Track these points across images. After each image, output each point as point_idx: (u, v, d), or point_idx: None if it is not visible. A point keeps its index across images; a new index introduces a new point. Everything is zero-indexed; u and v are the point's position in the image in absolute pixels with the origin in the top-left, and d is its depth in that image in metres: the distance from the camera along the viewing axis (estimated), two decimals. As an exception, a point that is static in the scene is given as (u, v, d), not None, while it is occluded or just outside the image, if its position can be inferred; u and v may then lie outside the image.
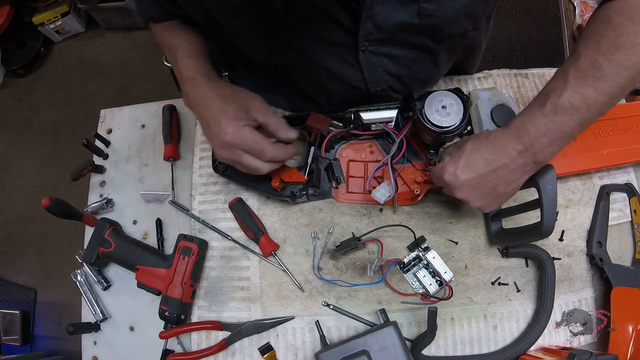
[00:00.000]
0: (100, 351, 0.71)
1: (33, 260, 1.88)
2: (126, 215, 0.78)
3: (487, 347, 0.63)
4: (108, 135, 0.84)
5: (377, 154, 0.72)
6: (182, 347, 0.68)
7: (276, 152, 0.57)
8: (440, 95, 0.59)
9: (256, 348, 0.65)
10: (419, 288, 0.65)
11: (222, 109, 0.55)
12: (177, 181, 0.78)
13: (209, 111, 0.56)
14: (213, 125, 0.55)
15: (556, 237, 0.68)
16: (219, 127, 0.54)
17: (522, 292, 0.65)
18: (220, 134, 0.54)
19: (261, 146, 0.55)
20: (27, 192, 2.01)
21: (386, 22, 0.54)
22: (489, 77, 0.79)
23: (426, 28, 0.56)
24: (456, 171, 0.53)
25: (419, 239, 0.67)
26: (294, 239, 0.69)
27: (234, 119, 0.55)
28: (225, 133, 0.54)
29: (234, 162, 0.57)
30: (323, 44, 0.57)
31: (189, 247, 0.67)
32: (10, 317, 1.62)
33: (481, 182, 0.53)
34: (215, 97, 0.57)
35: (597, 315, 0.64)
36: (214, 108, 0.56)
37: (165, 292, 0.66)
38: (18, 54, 2.26)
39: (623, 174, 0.72)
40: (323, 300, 0.66)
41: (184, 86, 0.60)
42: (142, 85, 2.13)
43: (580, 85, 0.47)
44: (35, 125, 2.16)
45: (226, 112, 0.55)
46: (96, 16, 2.22)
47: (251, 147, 0.55)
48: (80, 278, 0.74)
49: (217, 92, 0.57)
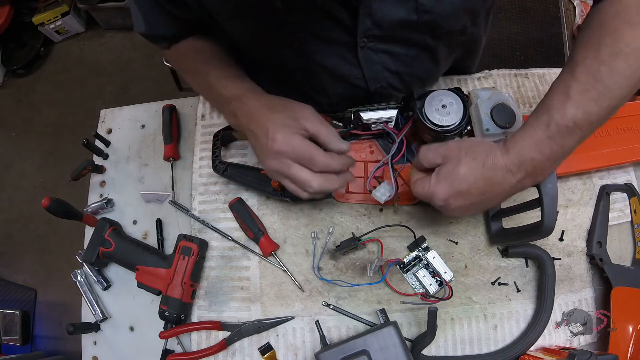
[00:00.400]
0: (100, 351, 0.71)
1: (33, 260, 1.88)
2: (126, 215, 0.78)
3: (487, 347, 0.63)
4: (108, 135, 0.84)
5: (377, 154, 0.72)
6: (182, 347, 0.68)
7: (328, 160, 0.52)
8: (440, 95, 0.59)
9: (256, 348, 0.65)
10: (419, 288, 0.65)
11: (269, 118, 0.53)
12: (177, 181, 0.78)
13: (257, 122, 0.54)
14: (261, 136, 0.52)
15: (556, 237, 0.68)
16: (266, 136, 0.51)
17: (522, 292, 0.65)
18: (268, 143, 0.51)
19: (311, 154, 0.51)
20: (27, 192, 2.01)
21: (384, 18, 0.54)
22: (489, 77, 0.79)
23: (424, 24, 0.55)
24: (449, 199, 0.50)
25: (419, 239, 0.67)
26: (294, 239, 0.69)
27: (282, 126, 0.52)
28: (273, 141, 0.51)
29: (283, 175, 0.53)
30: (323, 42, 0.57)
31: (189, 247, 0.67)
32: (10, 317, 1.62)
33: (473, 204, 0.51)
34: (264, 108, 0.54)
35: (597, 315, 0.64)
36: (262, 118, 0.53)
37: (165, 292, 0.66)
38: (18, 54, 2.27)
39: (623, 174, 0.72)
40: (323, 300, 0.66)
41: (230, 106, 0.58)
42: (142, 85, 2.13)
43: (584, 102, 0.45)
44: (35, 125, 2.16)
45: (274, 121, 0.52)
46: (96, 16, 2.22)
47: (301, 155, 0.51)
48: (80, 278, 0.74)
49: (265, 103, 0.55)
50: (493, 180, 0.49)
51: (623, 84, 0.45)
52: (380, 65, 0.63)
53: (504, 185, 0.49)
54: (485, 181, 0.49)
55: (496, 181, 0.49)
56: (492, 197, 0.50)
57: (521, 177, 0.48)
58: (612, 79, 0.44)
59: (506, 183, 0.49)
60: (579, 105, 0.45)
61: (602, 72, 0.44)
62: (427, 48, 0.62)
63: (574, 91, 0.45)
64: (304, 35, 0.55)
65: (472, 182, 0.49)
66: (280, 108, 0.54)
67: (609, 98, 0.45)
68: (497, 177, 0.48)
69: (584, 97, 0.45)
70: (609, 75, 0.44)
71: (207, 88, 0.62)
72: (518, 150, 0.48)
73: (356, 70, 0.63)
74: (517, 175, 0.48)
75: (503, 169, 0.48)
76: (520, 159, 0.47)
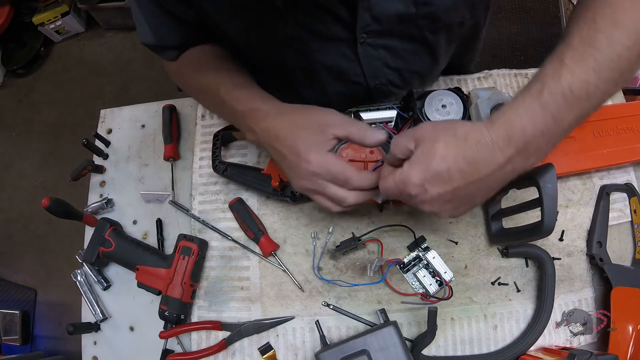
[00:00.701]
0: (100, 351, 0.71)
1: (33, 260, 1.88)
2: (126, 215, 0.78)
3: (487, 347, 0.63)
4: (108, 135, 0.84)
5: (377, 154, 0.71)
6: (182, 347, 0.68)
7: (362, 180, 0.50)
8: (440, 95, 0.59)
9: (256, 348, 0.65)
10: (419, 288, 0.65)
11: (297, 136, 0.50)
12: (177, 181, 0.78)
13: (283, 142, 0.51)
14: (291, 156, 0.50)
15: (556, 237, 0.68)
16: (299, 158, 0.49)
17: (522, 292, 0.65)
18: (302, 165, 0.49)
19: (346, 175, 0.49)
20: (27, 192, 2.01)
21: (383, 13, 0.53)
22: (489, 77, 0.79)
23: (423, 17, 0.55)
24: (425, 184, 0.42)
25: (419, 239, 0.67)
26: (294, 239, 0.69)
27: (314, 145, 0.49)
28: (307, 163, 0.49)
29: (316, 193, 0.52)
30: (322, 40, 0.57)
31: (189, 247, 0.67)
32: (10, 317, 1.62)
33: (456, 194, 0.43)
34: (287, 124, 0.51)
35: (597, 315, 0.64)
36: (288, 137, 0.50)
37: (165, 292, 0.66)
38: (18, 54, 2.27)
39: (623, 174, 0.72)
40: (323, 300, 0.66)
41: (244, 121, 0.55)
42: (142, 85, 2.13)
43: (580, 69, 0.39)
44: (35, 125, 2.16)
45: (304, 139, 0.50)
46: (96, 16, 2.22)
47: (336, 176, 0.49)
48: (80, 278, 0.74)
49: (287, 118, 0.52)
50: (477, 158, 0.40)
51: (623, 55, 0.40)
52: (379, 62, 0.63)
53: (491, 164, 0.41)
54: (467, 161, 0.41)
55: (481, 159, 0.40)
56: (477, 182, 0.42)
57: (511, 154, 0.40)
58: (611, 48, 0.39)
59: (493, 162, 0.40)
60: (575, 72, 0.39)
61: (600, 40, 0.40)
62: (426, 42, 0.61)
63: (569, 59, 0.40)
64: (303, 34, 0.55)
65: (452, 161, 0.41)
66: (305, 123, 0.51)
67: (608, 69, 0.40)
68: (481, 154, 0.40)
69: (580, 64, 0.40)
70: (607, 44, 0.39)
71: (219, 104, 0.59)
72: (506, 120, 0.40)
73: (356, 67, 0.62)
74: (506, 151, 0.40)
75: (488, 145, 0.40)
76: (508, 131, 0.40)
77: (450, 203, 0.44)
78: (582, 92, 0.39)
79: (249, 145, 0.75)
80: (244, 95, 0.56)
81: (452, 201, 0.44)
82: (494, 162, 0.41)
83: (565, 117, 0.40)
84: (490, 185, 0.43)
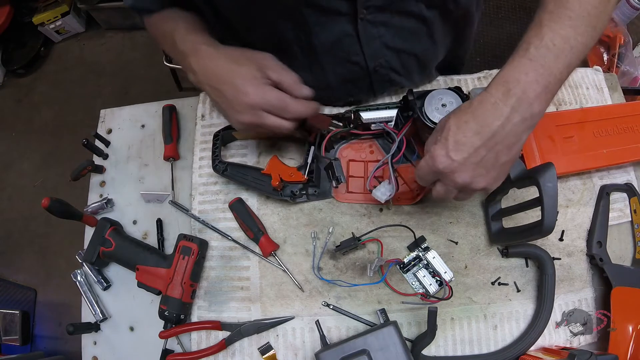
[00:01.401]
0: (100, 351, 0.71)
1: (33, 260, 1.87)
2: (126, 215, 0.78)
3: (487, 347, 0.63)
4: (108, 135, 0.84)
5: (377, 154, 0.72)
6: (181, 347, 0.68)
7: (300, 107, 0.55)
8: (440, 94, 0.59)
9: (256, 348, 0.65)
10: (419, 288, 0.65)
11: (235, 71, 0.53)
12: (177, 181, 0.78)
13: (221, 78, 0.53)
14: (229, 91, 0.53)
15: (556, 237, 0.68)
16: (237, 91, 0.52)
17: (522, 292, 0.65)
18: (239, 97, 0.52)
19: (285, 102, 0.53)
20: (27, 192, 2.01)
21: None
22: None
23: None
24: (448, 153, 0.46)
25: (419, 239, 0.67)
26: (294, 239, 0.69)
27: (251, 79, 0.52)
28: (245, 95, 0.52)
29: (257, 126, 0.55)
30: (322, 12, 0.56)
31: (189, 247, 0.67)
32: (10, 317, 1.62)
33: (480, 155, 0.46)
34: (225, 61, 0.54)
35: (597, 315, 0.64)
36: (226, 73, 0.53)
37: (165, 291, 0.66)
38: (18, 54, 2.26)
39: (623, 174, 0.72)
40: (323, 300, 0.66)
41: (187, 61, 0.57)
42: (142, 85, 2.13)
43: (558, 27, 0.45)
44: (35, 125, 2.15)
45: (241, 74, 0.52)
46: (96, 16, 2.22)
47: (274, 105, 0.53)
48: (80, 278, 0.74)
49: (225, 56, 0.54)
50: (484, 116, 0.46)
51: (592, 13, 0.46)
52: (379, 41, 0.63)
53: (498, 117, 0.45)
54: (477, 121, 0.46)
55: (488, 116, 0.45)
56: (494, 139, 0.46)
57: (513, 104, 0.45)
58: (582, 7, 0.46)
59: (500, 114, 0.45)
60: (555, 29, 0.45)
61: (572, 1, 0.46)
62: (424, 21, 0.62)
63: (547, 20, 0.46)
64: (303, 6, 0.55)
65: (464, 126, 0.46)
66: (242, 60, 0.54)
67: (583, 25, 0.46)
68: (487, 111, 0.46)
69: (558, 23, 0.45)
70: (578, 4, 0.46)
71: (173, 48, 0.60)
72: (500, 77, 0.46)
73: (355, 45, 0.62)
74: (507, 102, 0.45)
75: (490, 101, 0.46)
76: (505, 85, 0.45)
77: (479, 167, 0.47)
78: (564, 45, 0.45)
79: (249, 145, 0.75)
80: (191, 37, 0.58)
81: (480, 165, 0.47)
82: (500, 115, 0.45)
83: (553, 65, 0.45)
84: (509, 142, 0.47)
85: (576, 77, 0.79)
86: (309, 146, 0.67)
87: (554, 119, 0.69)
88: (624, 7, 1.20)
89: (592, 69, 0.80)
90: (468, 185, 0.48)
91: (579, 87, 0.78)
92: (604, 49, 1.21)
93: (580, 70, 0.80)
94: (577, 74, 0.79)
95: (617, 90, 0.79)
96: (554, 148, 0.67)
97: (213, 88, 0.55)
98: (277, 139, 0.74)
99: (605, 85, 0.78)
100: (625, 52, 1.17)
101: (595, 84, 0.78)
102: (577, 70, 0.79)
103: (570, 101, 0.76)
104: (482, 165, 0.47)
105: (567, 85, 0.78)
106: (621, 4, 1.21)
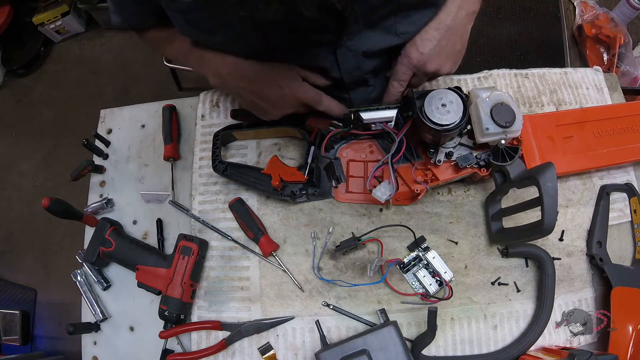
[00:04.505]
0: (100, 351, 0.71)
1: (33, 260, 1.87)
2: (126, 215, 0.78)
3: (487, 347, 0.63)
4: (108, 135, 0.84)
5: (377, 154, 0.72)
6: (181, 347, 0.68)
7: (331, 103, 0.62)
8: (440, 94, 0.59)
9: (256, 348, 0.65)
10: (419, 288, 0.65)
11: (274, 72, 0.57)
12: (177, 181, 0.78)
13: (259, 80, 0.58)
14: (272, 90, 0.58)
15: (556, 237, 0.68)
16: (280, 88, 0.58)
17: (522, 292, 0.65)
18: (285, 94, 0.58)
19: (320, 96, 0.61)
20: (27, 192, 2.01)
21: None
22: (489, 77, 0.79)
23: None
24: (419, 49, 0.57)
25: (419, 239, 0.67)
26: (294, 239, 0.69)
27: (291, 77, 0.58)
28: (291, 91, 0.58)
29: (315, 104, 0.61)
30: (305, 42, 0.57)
31: (189, 247, 0.67)
32: (10, 317, 1.62)
33: (441, 46, 0.58)
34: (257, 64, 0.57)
35: (597, 315, 0.64)
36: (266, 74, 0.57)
37: (165, 291, 0.66)
38: (18, 54, 2.26)
39: (623, 174, 0.72)
40: (323, 300, 0.66)
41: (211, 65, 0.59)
42: (142, 85, 2.13)
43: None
44: (35, 125, 2.15)
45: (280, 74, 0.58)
46: (96, 16, 2.22)
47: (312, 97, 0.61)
48: (80, 278, 0.74)
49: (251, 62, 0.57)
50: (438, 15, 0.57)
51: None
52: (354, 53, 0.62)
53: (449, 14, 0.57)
54: (434, 22, 0.58)
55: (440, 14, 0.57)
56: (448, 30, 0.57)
57: (459, 3, 0.57)
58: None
59: (450, 12, 0.57)
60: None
61: None
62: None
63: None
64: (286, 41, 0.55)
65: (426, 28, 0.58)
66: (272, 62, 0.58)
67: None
68: (441, 12, 0.57)
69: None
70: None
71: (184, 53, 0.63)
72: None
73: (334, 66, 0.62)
74: (454, 2, 0.57)
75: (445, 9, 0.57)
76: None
77: (442, 55, 0.59)
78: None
79: (249, 145, 0.75)
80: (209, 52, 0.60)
81: (442, 54, 0.59)
82: (450, 12, 0.57)
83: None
84: (460, 32, 0.59)
85: (576, 77, 0.79)
86: (309, 146, 0.67)
87: (554, 119, 0.69)
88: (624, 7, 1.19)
89: (592, 69, 0.80)
90: (437, 71, 0.60)
91: (579, 87, 0.78)
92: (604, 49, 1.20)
93: (581, 70, 0.80)
94: (577, 74, 0.79)
95: (617, 90, 0.79)
96: (554, 148, 0.67)
97: (249, 91, 0.59)
98: (278, 138, 0.74)
99: (605, 85, 0.78)
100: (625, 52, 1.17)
101: (595, 84, 0.78)
102: (577, 70, 0.79)
103: (570, 101, 0.76)
104: (444, 54, 0.59)
105: (567, 85, 0.78)
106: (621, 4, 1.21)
